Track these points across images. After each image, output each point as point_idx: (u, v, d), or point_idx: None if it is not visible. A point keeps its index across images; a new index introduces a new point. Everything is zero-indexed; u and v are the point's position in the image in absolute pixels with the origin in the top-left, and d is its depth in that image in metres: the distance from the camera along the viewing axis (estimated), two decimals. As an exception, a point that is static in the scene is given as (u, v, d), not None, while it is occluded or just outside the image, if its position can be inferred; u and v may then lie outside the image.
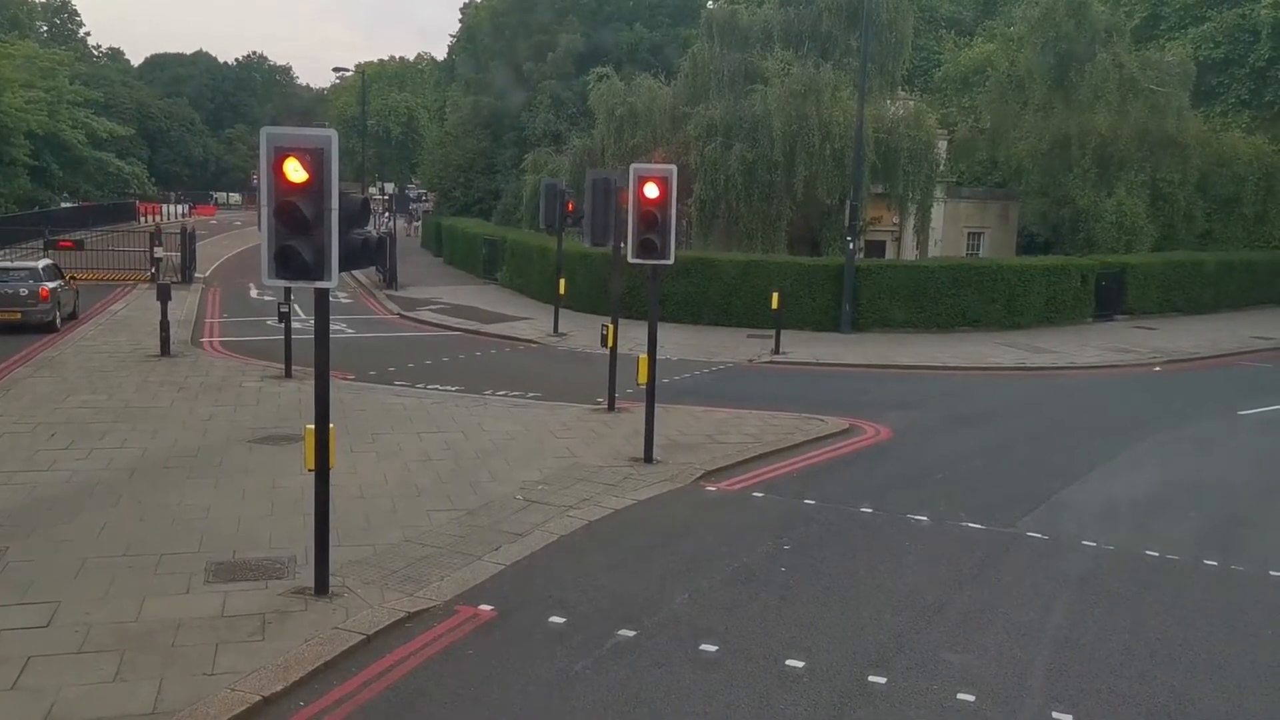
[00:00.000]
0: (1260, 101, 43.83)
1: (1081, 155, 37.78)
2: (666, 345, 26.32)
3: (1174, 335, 30.72)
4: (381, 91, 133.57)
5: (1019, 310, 30.26)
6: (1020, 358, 26.09)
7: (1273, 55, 42.79)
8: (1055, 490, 14.03)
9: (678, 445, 15.61)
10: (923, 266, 29.55)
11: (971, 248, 41.90)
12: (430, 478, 13.42)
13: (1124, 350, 27.66)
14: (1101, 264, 32.78)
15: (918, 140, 32.87)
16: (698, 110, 34.49)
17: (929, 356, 25.85)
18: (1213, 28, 44.96)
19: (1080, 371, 25.01)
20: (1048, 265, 31.15)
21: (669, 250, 13.87)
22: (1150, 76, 37.69)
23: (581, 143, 39.11)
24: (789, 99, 32.03)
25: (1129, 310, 33.67)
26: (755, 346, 26.50)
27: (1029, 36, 39.34)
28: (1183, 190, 38.17)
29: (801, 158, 32.00)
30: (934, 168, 33.69)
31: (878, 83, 34.80)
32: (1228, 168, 38.82)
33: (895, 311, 29.06)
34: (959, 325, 29.58)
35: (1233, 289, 36.65)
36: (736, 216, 33.27)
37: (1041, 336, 29.41)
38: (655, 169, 13.91)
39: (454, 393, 19.75)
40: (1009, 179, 43.12)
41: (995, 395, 21.69)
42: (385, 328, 29.83)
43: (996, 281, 29.74)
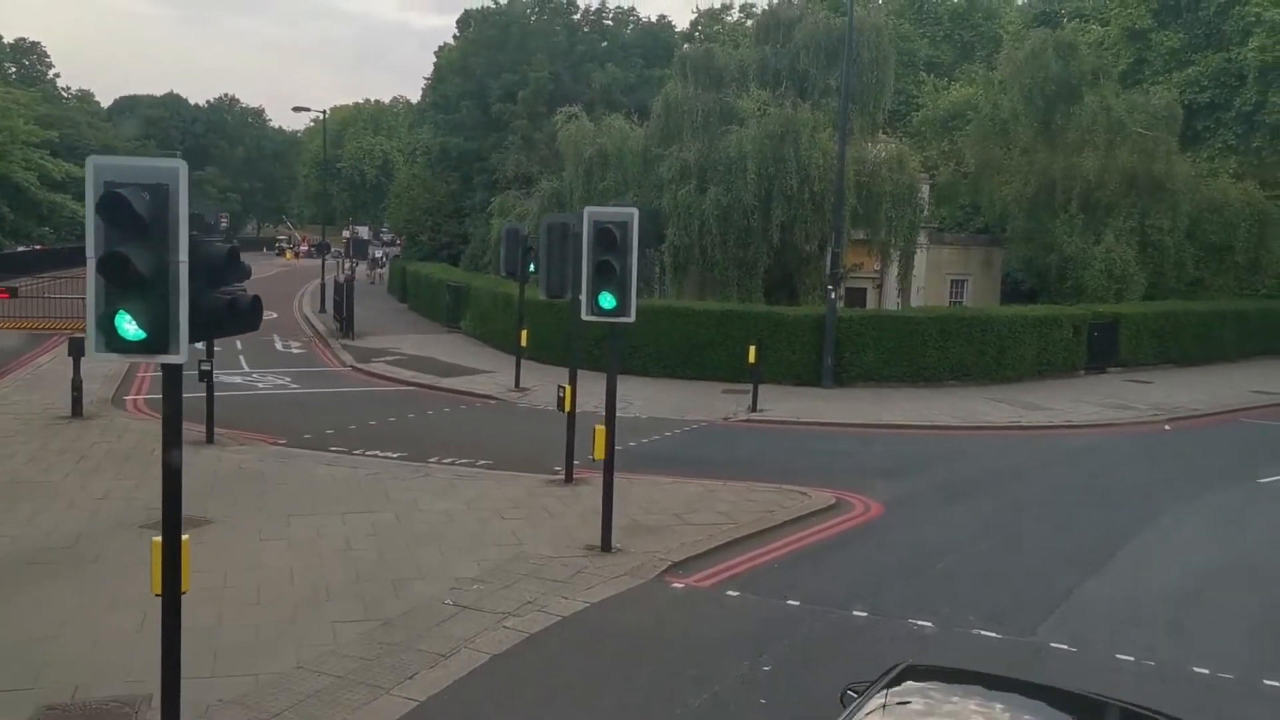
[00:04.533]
0: (1248, 147, 42.69)
1: (1068, 200, 36.42)
2: (635, 401, 24.54)
3: (1171, 389, 29.09)
4: (356, 134, 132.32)
5: (1009, 363, 28.58)
6: (1014, 415, 24.33)
7: (1260, 99, 41.71)
8: (1075, 584, 12.15)
9: (641, 528, 13.66)
10: (908, 317, 27.87)
11: (954, 295, 40.39)
12: (346, 575, 11.40)
13: (1122, 406, 25.96)
14: (1093, 314, 31.22)
15: (900, 183, 31.31)
16: (671, 152, 32.86)
17: (917, 414, 24.06)
18: (1198, 72, 43.93)
19: (1079, 431, 23.25)
20: (1039, 315, 29.54)
21: (629, 305, 12.02)
22: (1138, 119, 36.43)
23: (550, 185, 37.42)
24: (766, 140, 30.42)
25: (1122, 362, 32.08)
26: (731, 403, 24.65)
27: (1014, 78, 38.07)
28: (1172, 237, 36.79)
29: (779, 201, 30.35)
30: (918, 212, 32.12)
31: (859, 124, 33.31)
32: (1218, 214, 37.52)
33: (880, 365, 27.31)
34: (947, 379, 27.85)
35: (1226, 340, 35.17)
36: (712, 263, 31.51)
37: (1034, 391, 27.70)
38: (613, 212, 12.09)
39: (395, 461, 17.74)
40: (993, 224, 41.74)
41: (991, 459, 19.86)
42: (334, 381, 27.79)
43: (986, 332, 28.08)
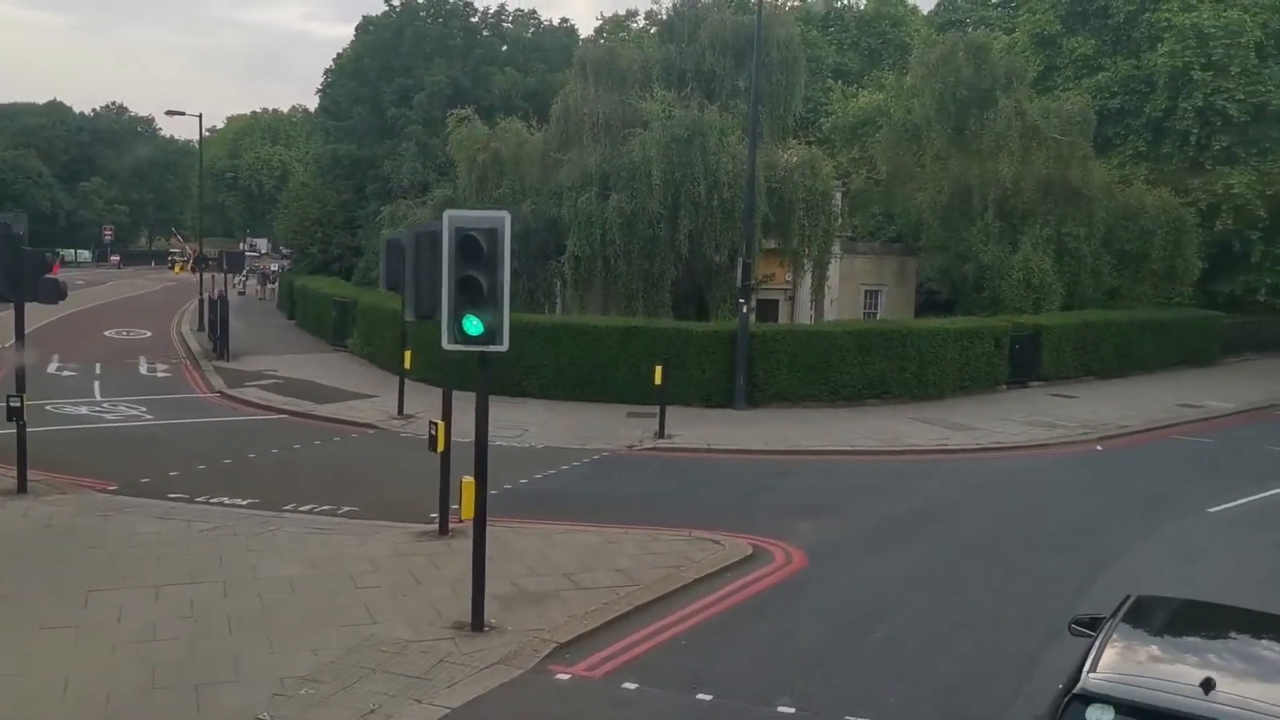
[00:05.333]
0: (1158, 153, 42.21)
1: (984, 207, 35.23)
2: (531, 428, 22.31)
3: (1095, 404, 27.84)
4: (253, 144, 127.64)
5: (931, 379, 27.00)
6: (939, 436, 22.67)
7: (1169, 105, 41.26)
8: (1036, 653, 10.26)
9: (524, 596, 11.42)
10: (825, 332, 26.09)
11: (869, 306, 38.96)
12: (138, 679, 8.95)
13: (1049, 425, 24.52)
14: (1015, 325, 29.89)
15: (813, 190, 29.62)
16: (570, 157, 30.76)
17: (837, 438, 22.24)
18: (1108, 78, 43.37)
19: (1009, 453, 21.65)
20: (961, 328, 28.06)
21: (500, 331, 9.80)
22: (1053, 125, 35.41)
23: (442, 193, 34.91)
24: (671, 144, 28.46)
25: (1044, 375, 30.82)
26: (637, 428, 22.54)
27: (925, 82, 36.80)
28: (1089, 245, 35.84)
29: (686, 209, 28.43)
30: (832, 220, 30.50)
31: (769, 127, 31.63)
32: (1134, 222, 36.69)
33: (795, 383, 25.48)
34: (866, 397, 26.14)
35: (1145, 351, 34.25)
36: (615, 275, 29.43)
37: (957, 408, 26.14)
38: (479, 217, 9.90)
39: (243, 510, 15.21)
40: (907, 233, 40.47)
41: (921, 490, 18.07)
42: (195, 410, 24.94)
43: (907, 347, 26.46)
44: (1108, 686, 5.62)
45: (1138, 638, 6.33)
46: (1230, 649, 6.36)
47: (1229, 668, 5.94)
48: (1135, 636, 6.33)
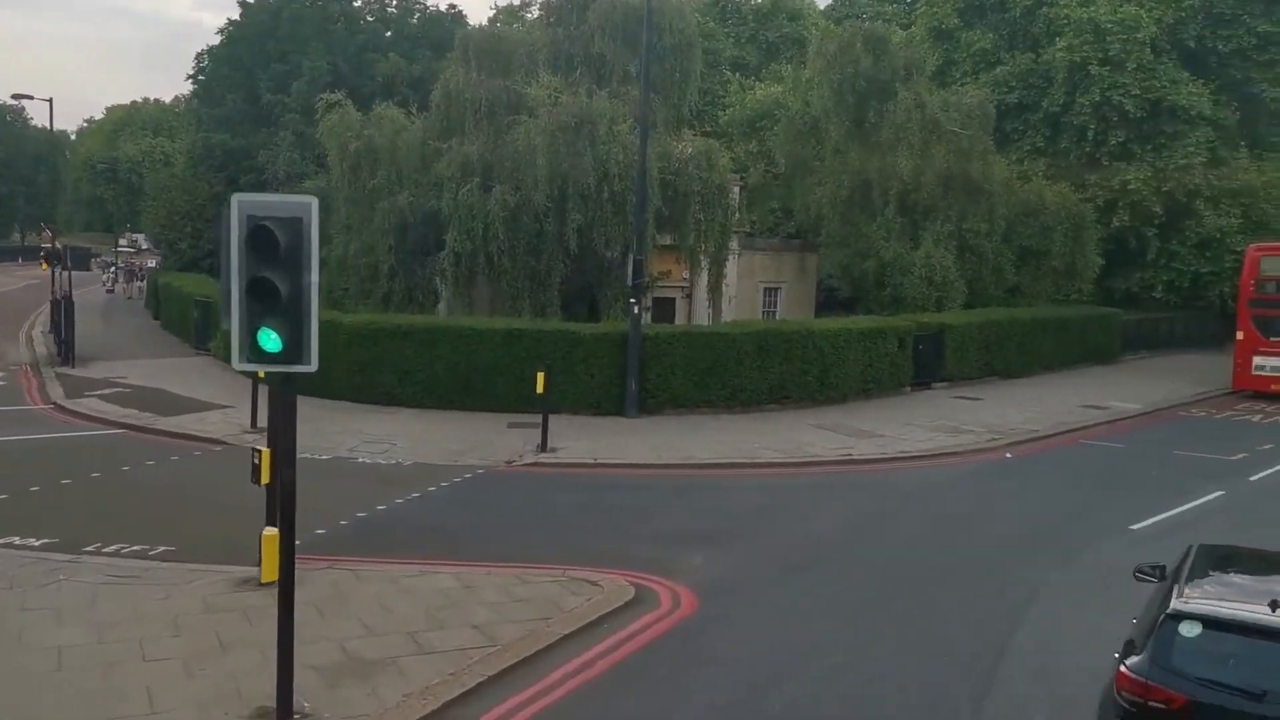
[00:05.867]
0: (1056, 149, 41.83)
1: (884, 202, 34.11)
2: (400, 443, 20.19)
3: (1001, 406, 26.80)
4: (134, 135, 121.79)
5: (834, 382, 25.61)
6: (843, 445, 21.21)
7: (1067, 100, 40.86)
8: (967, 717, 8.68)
9: (353, 665, 9.40)
10: (722, 334, 24.44)
11: (768, 304, 37.61)
12: None
13: (955, 430, 23.30)
14: (918, 325, 28.73)
15: (710, 183, 27.97)
16: (451, 146, 28.57)
17: (734, 448, 20.61)
18: (1006, 72, 42.91)
19: (916, 463, 20.28)
20: (864, 328, 26.72)
21: (304, 347, 7.75)
22: (952, 118, 34.43)
23: (313, 185, 32.43)
24: (558, 132, 26.51)
25: (948, 376, 29.75)
26: (518, 440, 20.58)
27: (824, 74, 35.53)
28: (990, 241, 35.02)
29: (575, 202, 26.51)
30: (729, 214, 28.90)
31: (662, 116, 29.88)
32: (1034, 218, 35.98)
33: (691, 388, 23.79)
34: (766, 402, 24.61)
35: (1047, 349, 33.54)
36: (500, 272, 27.36)
37: (861, 413, 24.80)
38: (276, 203, 7.82)
39: (34, 552, 12.82)
40: (806, 228, 39.20)
41: (824, 508, 16.51)
42: (21, 426, 22.11)
43: (808, 349, 25.00)
44: (1194, 606, 7.15)
45: (1208, 574, 7.86)
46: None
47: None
48: (1206, 573, 7.86)
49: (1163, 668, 6.99)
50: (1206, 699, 6.79)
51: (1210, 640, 6.99)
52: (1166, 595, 7.58)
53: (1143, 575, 8.90)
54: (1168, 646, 7.07)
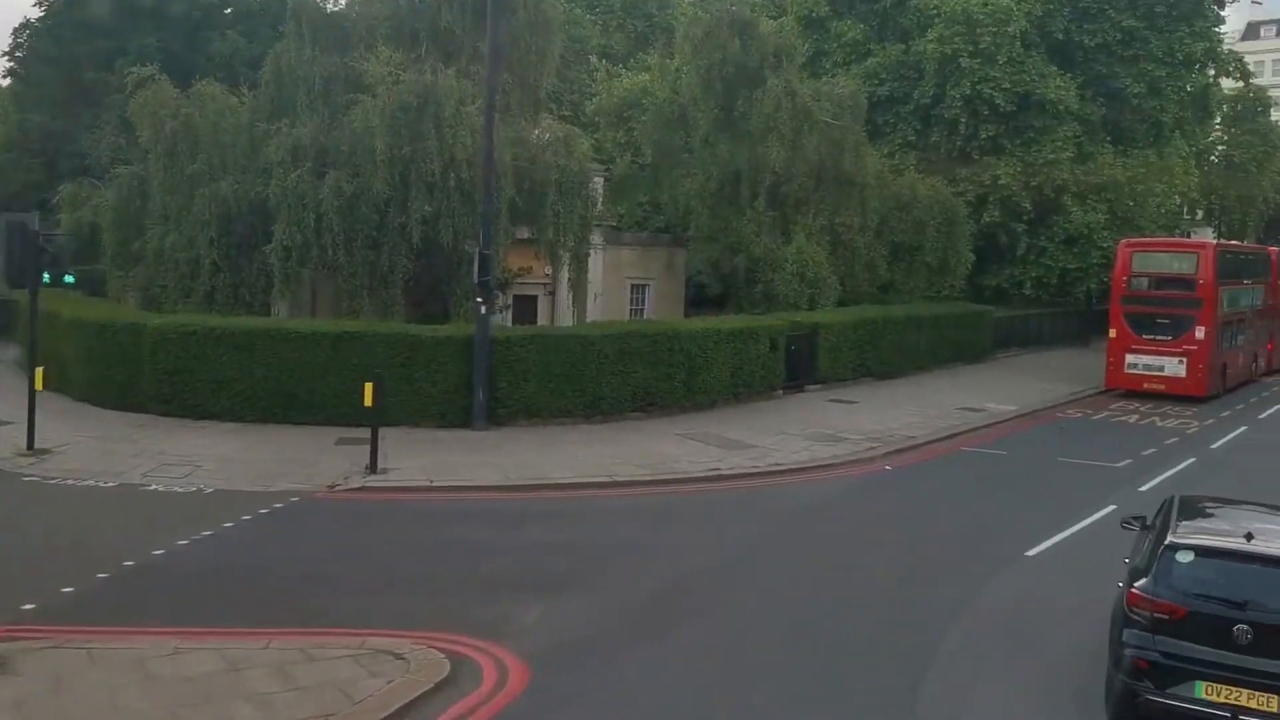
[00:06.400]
0: (927, 142, 41.02)
1: (754, 194, 32.43)
2: (206, 464, 17.44)
3: (878, 410, 25.39)
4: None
5: (702, 387, 23.77)
6: (712, 459, 19.31)
7: (937, 93, 40.05)
8: None
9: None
10: (581, 336, 22.25)
11: (635, 302, 35.65)
12: None
13: (832, 438, 21.69)
14: (791, 324, 27.14)
15: (568, 171, 25.76)
16: (281, 128, 25.67)
17: (592, 464, 18.49)
18: (877, 63, 41.87)
19: (791, 478, 18.53)
20: (734, 328, 24.94)
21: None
22: (824, 108, 33.02)
23: (129, 171, 28.97)
24: (400, 113, 23.94)
25: (821, 378, 28.28)
26: (345, 460, 18.04)
27: (691, 60, 33.73)
28: (863, 236, 33.80)
29: (419, 190, 23.97)
30: (589, 206, 26.75)
31: (518, 99, 27.56)
32: (907, 212, 34.92)
33: (546, 396, 21.58)
34: (629, 410, 22.59)
35: (921, 348, 32.46)
36: (335, 268, 24.66)
37: (731, 420, 23.00)
38: None
39: None
40: (675, 222, 37.37)
41: (690, 538, 14.54)
42: None
43: (674, 351, 23.08)
44: (1188, 538, 9.15)
45: (1192, 517, 9.80)
46: (1253, 520, 9.70)
47: (1257, 530, 9.21)
48: (1190, 516, 9.79)
49: (1165, 587, 8.79)
50: (1201, 609, 8.65)
51: (1201, 565, 8.86)
52: (1162, 533, 9.40)
53: (1128, 525, 11.30)
54: (1168, 571, 8.88)
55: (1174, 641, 8.65)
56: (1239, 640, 8.46)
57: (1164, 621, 8.71)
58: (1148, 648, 8.71)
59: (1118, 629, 9.17)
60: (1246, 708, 8.39)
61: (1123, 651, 8.89)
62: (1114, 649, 9.22)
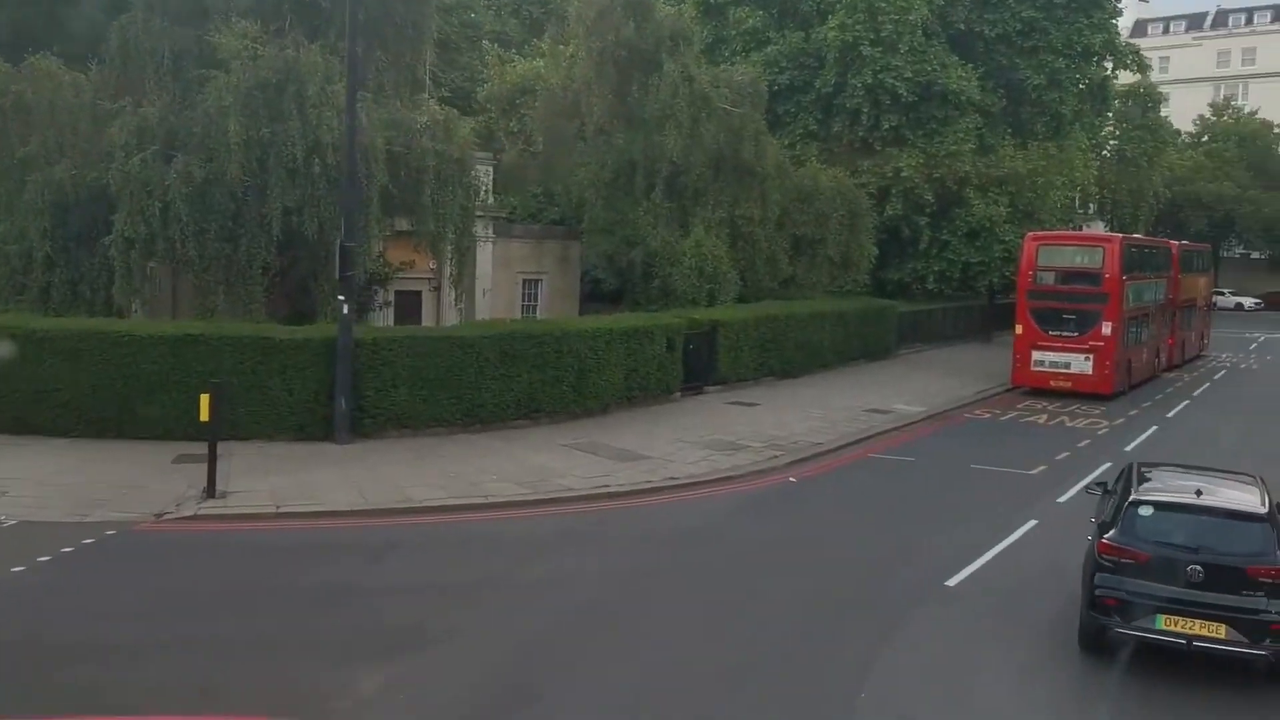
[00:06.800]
0: (829, 132, 39.87)
1: (651, 185, 30.75)
2: (16, 489, 15.06)
3: (781, 413, 23.97)
4: None
5: (593, 391, 22.00)
6: (601, 472, 17.54)
7: (839, 82, 38.91)
8: None
9: None
10: (458, 337, 20.22)
11: (528, 298, 33.77)
12: None
13: (733, 446, 20.13)
14: (689, 322, 25.54)
15: (447, 157, 23.66)
16: (126, 107, 23.09)
17: (467, 481, 16.58)
18: (777, 51, 40.54)
19: (687, 494, 16.89)
20: (627, 327, 23.21)
21: None
22: (723, 95, 31.50)
23: (-42, 153, 25.93)
24: (257, 92, 21.58)
25: (721, 379, 26.76)
26: (182, 481, 15.79)
27: (584, 41, 31.90)
28: (764, 229, 32.38)
29: (279, 178, 21.63)
30: (471, 194, 24.71)
31: (392, 78, 25.34)
32: (809, 204, 33.62)
33: (419, 405, 19.54)
34: (513, 418, 20.70)
35: (825, 345, 31.20)
36: (185, 262, 22.24)
37: (624, 427, 21.30)
38: None
39: None
40: (569, 214, 35.51)
41: (573, 573, 12.76)
42: None
43: (562, 353, 21.24)
44: (1147, 495, 10.62)
45: (1149, 479, 11.31)
46: (1200, 480, 11.21)
47: (1205, 488, 10.75)
48: (1147, 478, 11.31)
49: (1130, 536, 10.21)
50: (1160, 553, 10.04)
51: (1159, 518, 10.26)
52: (1125, 493, 10.78)
53: (1092, 490, 12.93)
54: (1132, 523, 10.28)
55: (1138, 582, 10.09)
56: (1192, 579, 9.92)
57: (1129, 565, 10.20)
58: (1116, 588, 10.14)
59: (1089, 574, 10.55)
60: (1199, 635, 9.81)
61: (1094, 593, 10.30)
62: (1086, 591, 10.55)
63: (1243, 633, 9.72)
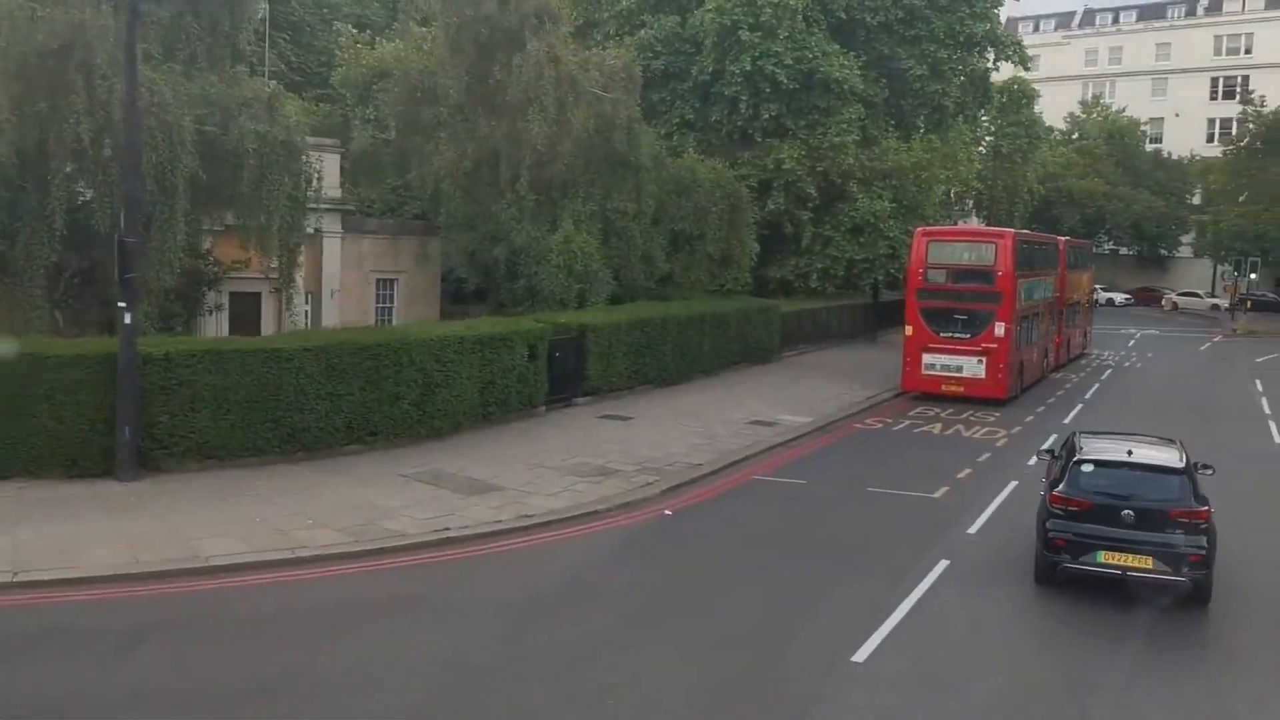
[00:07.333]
0: (707, 122, 37.66)
1: (515, 176, 27.91)
2: None
3: (657, 428, 21.54)
4: None
5: (441, 409, 19.16)
6: (441, 510, 14.76)
7: (717, 68, 36.73)
8: None
9: None
10: (272, 349, 17.00)
11: (383, 299, 30.71)
12: None
13: (601, 470, 17.56)
14: (555, 327, 22.89)
15: (271, 140, 20.52)
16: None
17: (272, 529, 13.59)
18: (652, 35, 38.12)
19: (546, 535, 14.23)
20: (482, 335, 20.37)
21: None
22: (593, 79, 28.87)
23: None
24: (32, 60, 18.17)
25: (592, 389, 24.19)
26: (-98, 540, 12.44)
27: (441, 17, 28.92)
28: (639, 223, 29.95)
29: (63, 161, 18.32)
30: (301, 183, 21.58)
31: (206, 48, 21.95)
32: (687, 197, 31.32)
33: (226, 431, 16.38)
34: (343, 443, 17.71)
35: (705, 350, 28.92)
36: (-54, 262, 18.65)
37: (477, 451, 18.53)
38: None
39: None
40: (428, 207, 32.44)
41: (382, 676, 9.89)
42: None
43: (403, 366, 18.33)
44: (1089, 455, 12.70)
45: (1090, 443, 13.33)
46: (1131, 444, 13.18)
47: (1135, 449, 12.89)
48: (1088, 443, 13.34)
49: (1075, 489, 12.32)
50: (1099, 502, 12.15)
51: (1098, 473, 12.46)
52: (1071, 454, 13.05)
53: (1041, 456, 15.50)
54: (1076, 478, 12.43)
55: (1082, 525, 12.00)
56: (1125, 521, 11.85)
57: (1075, 512, 12.10)
58: (1065, 531, 12.07)
59: (1042, 521, 12.46)
60: (1131, 566, 11.70)
61: (1047, 535, 12.22)
62: (1040, 535, 12.46)
63: (1166, 563, 11.73)
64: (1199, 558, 11.63)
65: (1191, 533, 11.69)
